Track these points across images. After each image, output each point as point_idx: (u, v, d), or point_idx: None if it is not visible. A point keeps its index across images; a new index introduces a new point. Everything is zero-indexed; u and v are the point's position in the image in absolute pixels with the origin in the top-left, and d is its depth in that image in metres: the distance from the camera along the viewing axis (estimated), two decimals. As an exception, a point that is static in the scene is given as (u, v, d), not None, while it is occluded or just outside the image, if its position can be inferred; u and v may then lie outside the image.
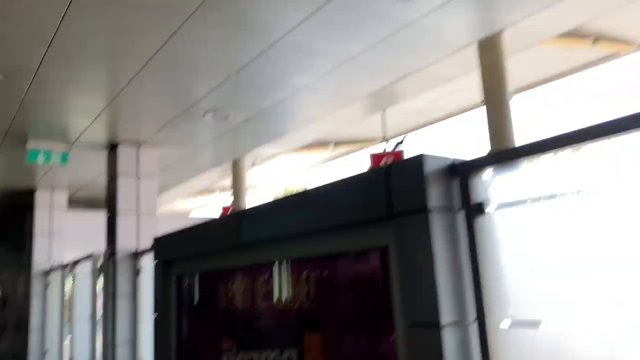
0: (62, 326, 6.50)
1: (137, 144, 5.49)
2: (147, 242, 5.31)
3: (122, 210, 5.36)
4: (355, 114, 6.19)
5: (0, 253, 10.21)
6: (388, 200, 2.31)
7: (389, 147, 8.08)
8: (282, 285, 3.12)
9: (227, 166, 10.63)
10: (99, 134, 5.33)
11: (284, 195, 3.34)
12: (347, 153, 11.40)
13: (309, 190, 2.83)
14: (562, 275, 2.04)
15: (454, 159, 2.28)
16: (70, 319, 6.12)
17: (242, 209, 3.44)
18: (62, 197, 7.42)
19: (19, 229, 8.02)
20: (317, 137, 10.10)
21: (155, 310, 4.61)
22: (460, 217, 2.20)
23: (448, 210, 2.17)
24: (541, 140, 1.88)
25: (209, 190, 16.39)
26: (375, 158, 7.45)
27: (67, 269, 6.42)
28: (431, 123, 8.10)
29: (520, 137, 4.29)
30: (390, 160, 6.91)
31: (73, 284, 6.21)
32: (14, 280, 8.30)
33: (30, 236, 7.30)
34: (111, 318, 5.22)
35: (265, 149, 9.66)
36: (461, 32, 4.03)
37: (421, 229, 2.16)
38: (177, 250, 4.37)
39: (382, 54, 4.18)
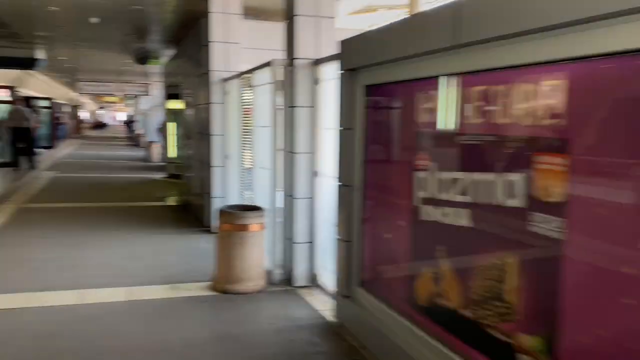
0: (241, 134, 6.71)
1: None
2: (326, 50, 4.90)
3: (301, 14, 4.91)
4: None
5: (180, 63, 10.76)
6: None
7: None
8: (510, 96, 2.50)
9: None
10: None
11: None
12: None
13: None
14: None
15: None
16: (250, 128, 6.21)
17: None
18: (235, 4, 7.17)
19: (196, 38, 8.13)
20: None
21: (341, 124, 4.34)
22: None
23: None
24: None
25: (370, 9, 15.34)
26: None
27: (245, 78, 6.38)
28: None
29: None
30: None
31: (251, 92, 6.19)
32: (195, 89, 8.71)
33: (206, 44, 7.32)
34: (290, 128, 5.12)
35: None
36: None
37: None
38: (366, 55, 3.86)
39: None
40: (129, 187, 12.77)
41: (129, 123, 35.91)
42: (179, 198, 10.84)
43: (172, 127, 14.76)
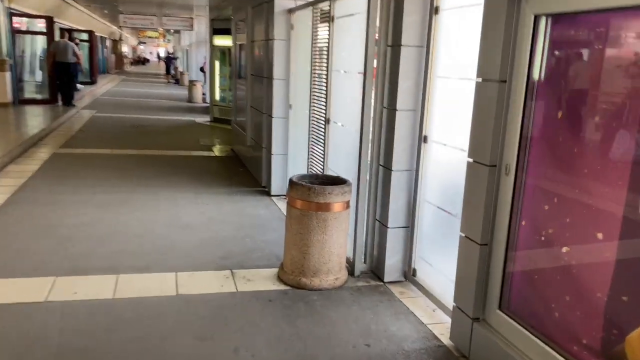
0: (311, 81, 5.41)
1: None
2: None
3: None
4: None
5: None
6: None
7: None
8: None
9: None
10: None
11: None
12: None
13: None
14: None
15: None
16: (327, 72, 4.89)
17: None
18: None
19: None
20: None
21: (482, 73, 3.04)
22: None
23: None
24: None
25: None
26: None
27: (319, 8, 5.01)
28: None
29: None
30: None
31: (326, 27, 4.84)
32: (249, 23, 7.38)
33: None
34: (389, 75, 3.83)
35: None
36: None
37: None
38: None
39: None
40: (170, 131, 11.76)
41: (167, 60, 34.57)
42: (227, 147, 9.76)
43: (217, 66, 13.53)
